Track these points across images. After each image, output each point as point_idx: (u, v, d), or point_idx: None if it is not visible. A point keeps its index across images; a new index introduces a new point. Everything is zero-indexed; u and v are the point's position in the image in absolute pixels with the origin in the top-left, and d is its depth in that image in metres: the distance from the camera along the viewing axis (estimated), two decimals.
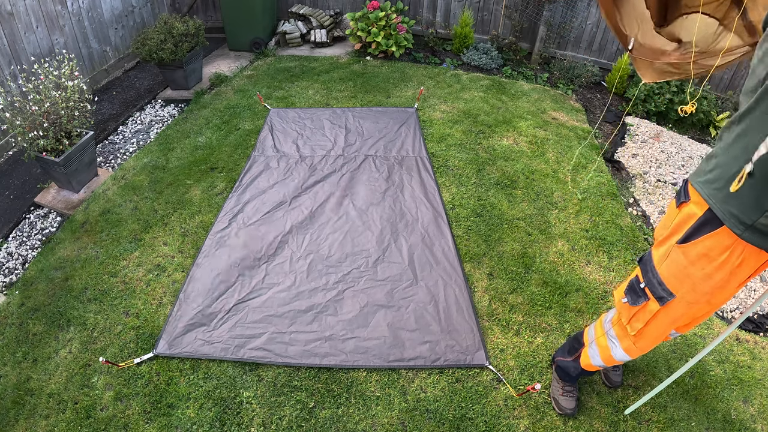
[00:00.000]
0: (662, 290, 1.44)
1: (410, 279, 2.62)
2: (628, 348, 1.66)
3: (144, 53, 4.21)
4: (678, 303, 1.43)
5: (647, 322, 1.53)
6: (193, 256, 2.79)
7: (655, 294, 1.46)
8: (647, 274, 1.49)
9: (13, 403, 2.11)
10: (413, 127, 3.93)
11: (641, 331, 1.57)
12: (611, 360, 1.76)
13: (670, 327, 1.54)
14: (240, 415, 2.05)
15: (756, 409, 2.12)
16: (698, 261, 1.34)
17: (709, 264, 1.33)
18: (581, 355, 1.92)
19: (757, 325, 2.49)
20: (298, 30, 5.56)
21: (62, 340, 2.36)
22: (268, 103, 4.34)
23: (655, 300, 1.47)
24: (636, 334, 1.59)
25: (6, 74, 3.57)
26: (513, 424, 2.02)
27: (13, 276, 2.77)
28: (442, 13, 5.46)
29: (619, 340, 1.69)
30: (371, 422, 2.03)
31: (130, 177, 3.46)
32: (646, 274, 1.49)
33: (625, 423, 2.04)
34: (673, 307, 1.45)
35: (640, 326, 1.55)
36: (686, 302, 1.42)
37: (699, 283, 1.37)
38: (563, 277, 2.67)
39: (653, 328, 1.54)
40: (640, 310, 1.54)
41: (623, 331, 1.66)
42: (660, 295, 1.45)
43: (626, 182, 3.52)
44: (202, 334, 2.33)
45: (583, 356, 1.90)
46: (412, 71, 4.94)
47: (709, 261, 1.33)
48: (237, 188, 3.28)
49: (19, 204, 3.27)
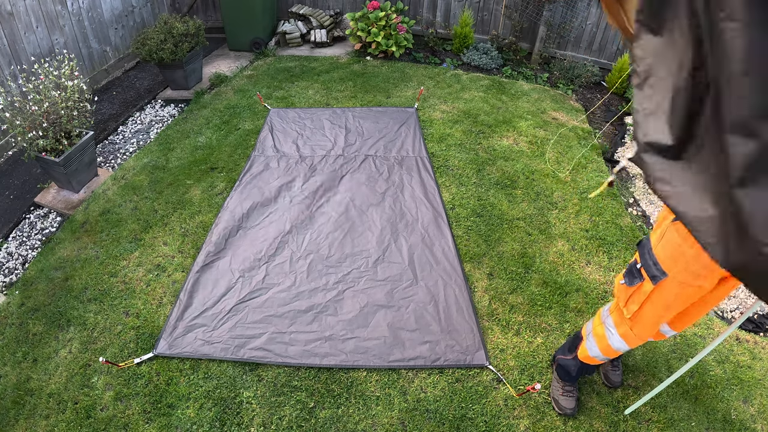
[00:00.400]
0: (656, 270, 1.48)
1: (410, 279, 2.62)
2: (624, 334, 1.69)
3: (144, 53, 4.21)
4: (670, 283, 1.46)
5: (642, 304, 1.56)
6: (193, 256, 2.79)
7: (650, 273, 1.50)
8: (644, 255, 1.53)
9: (13, 403, 2.11)
10: (413, 127, 3.94)
11: (636, 314, 1.61)
12: (609, 350, 1.78)
13: (664, 312, 1.55)
14: (240, 415, 2.05)
15: (756, 409, 2.12)
16: (689, 237, 1.36)
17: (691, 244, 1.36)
18: (579, 347, 1.94)
19: (757, 325, 2.49)
20: (298, 30, 5.56)
21: (62, 340, 2.36)
22: (268, 103, 4.34)
23: (649, 280, 1.51)
24: (632, 317, 1.63)
25: (6, 74, 3.57)
26: (513, 424, 2.02)
27: (13, 276, 2.77)
28: (442, 13, 5.46)
29: (616, 327, 1.72)
30: (371, 422, 2.03)
31: (130, 177, 3.46)
32: (643, 256, 1.53)
33: (625, 423, 2.04)
34: (666, 288, 1.48)
35: (635, 308, 1.59)
36: (678, 282, 1.45)
37: (691, 262, 1.40)
38: (563, 277, 2.67)
39: (648, 310, 1.57)
40: (635, 292, 1.58)
41: (620, 317, 1.69)
42: (653, 274, 1.49)
43: (626, 182, 3.52)
44: (202, 334, 2.33)
45: (581, 349, 1.93)
46: (412, 71, 4.95)
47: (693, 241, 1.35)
48: (237, 188, 3.28)
49: (19, 204, 3.27)
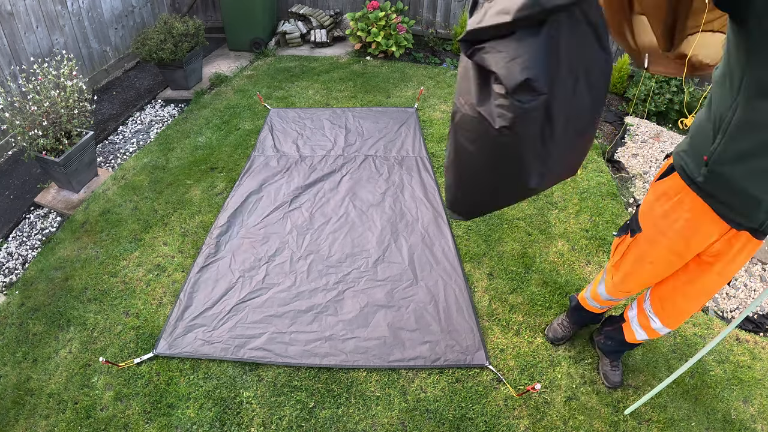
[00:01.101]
0: (635, 224, 1.64)
1: (410, 279, 2.62)
2: (607, 282, 1.90)
3: (144, 53, 4.21)
4: (643, 238, 1.62)
5: (623, 254, 1.73)
6: (193, 256, 2.79)
7: (631, 227, 1.67)
8: (634, 213, 1.69)
9: (13, 403, 2.11)
10: (413, 127, 3.94)
11: (618, 263, 1.78)
12: (596, 296, 2.01)
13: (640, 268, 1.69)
14: (240, 415, 2.05)
15: (756, 409, 2.12)
16: (661, 197, 1.52)
17: (667, 202, 1.49)
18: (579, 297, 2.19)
19: (757, 325, 2.49)
20: (298, 30, 5.56)
21: (62, 340, 2.36)
22: (268, 103, 4.34)
23: (629, 234, 1.68)
24: (614, 265, 1.81)
25: (6, 74, 3.57)
26: (513, 424, 2.03)
27: (13, 276, 2.77)
28: (442, 13, 5.46)
29: (605, 275, 1.94)
30: (371, 422, 2.03)
31: (130, 177, 3.46)
32: (633, 214, 1.70)
33: (625, 423, 2.04)
34: (640, 242, 1.64)
35: (618, 258, 1.77)
36: (648, 239, 1.59)
37: (658, 220, 1.54)
38: (563, 277, 2.67)
39: (627, 261, 1.73)
40: (620, 243, 1.75)
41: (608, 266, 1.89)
42: (633, 227, 1.66)
43: (626, 182, 3.52)
44: (202, 334, 2.33)
45: (581, 298, 2.16)
46: (412, 71, 4.95)
47: (667, 199, 1.49)
48: (237, 188, 3.28)
49: (19, 204, 3.27)
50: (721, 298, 2.63)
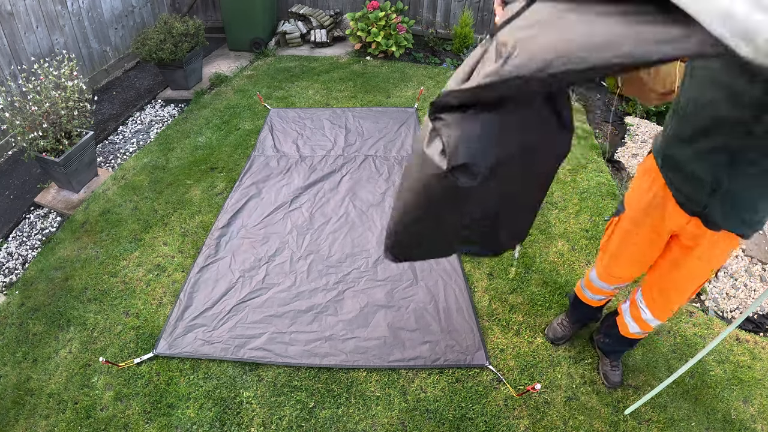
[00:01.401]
0: (621, 205, 1.74)
1: (410, 279, 2.62)
2: (597, 266, 1.96)
3: (144, 53, 4.21)
4: (625, 217, 1.69)
5: (610, 234, 1.81)
6: (193, 256, 2.79)
7: (618, 208, 1.75)
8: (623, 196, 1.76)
9: (13, 403, 2.11)
10: (413, 128, 3.93)
11: (605, 244, 1.86)
12: (588, 282, 2.05)
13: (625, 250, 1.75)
14: (240, 415, 2.05)
15: (756, 409, 2.12)
16: (642, 176, 1.62)
17: (644, 179, 1.59)
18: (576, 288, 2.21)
19: (757, 325, 2.49)
20: (298, 30, 5.56)
21: (62, 340, 2.36)
22: (268, 103, 4.34)
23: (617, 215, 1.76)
24: (602, 246, 1.89)
25: (6, 74, 3.57)
26: (513, 424, 2.03)
27: (13, 276, 2.77)
28: (442, 13, 5.46)
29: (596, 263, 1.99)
30: (371, 422, 2.03)
31: (130, 177, 3.46)
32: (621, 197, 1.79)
33: (625, 423, 2.04)
34: (623, 222, 1.72)
35: (605, 240, 1.85)
36: (630, 219, 1.67)
37: (637, 198, 1.63)
38: (563, 277, 2.67)
39: (613, 242, 1.80)
40: (610, 224, 1.83)
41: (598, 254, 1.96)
42: (619, 209, 1.74)
43: (626, 182, 3.52)
44: (202, 334, 2.33)
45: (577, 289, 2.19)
46: (412, 71, 4.94)
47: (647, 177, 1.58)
48: (237, 188, 3.28)
49: (19, 204, 3.27)
50: (721, 298, 2.63)
